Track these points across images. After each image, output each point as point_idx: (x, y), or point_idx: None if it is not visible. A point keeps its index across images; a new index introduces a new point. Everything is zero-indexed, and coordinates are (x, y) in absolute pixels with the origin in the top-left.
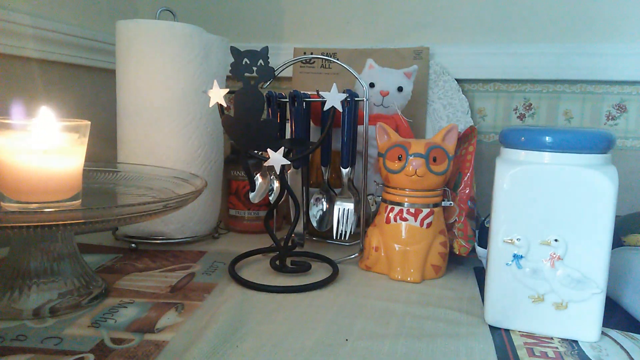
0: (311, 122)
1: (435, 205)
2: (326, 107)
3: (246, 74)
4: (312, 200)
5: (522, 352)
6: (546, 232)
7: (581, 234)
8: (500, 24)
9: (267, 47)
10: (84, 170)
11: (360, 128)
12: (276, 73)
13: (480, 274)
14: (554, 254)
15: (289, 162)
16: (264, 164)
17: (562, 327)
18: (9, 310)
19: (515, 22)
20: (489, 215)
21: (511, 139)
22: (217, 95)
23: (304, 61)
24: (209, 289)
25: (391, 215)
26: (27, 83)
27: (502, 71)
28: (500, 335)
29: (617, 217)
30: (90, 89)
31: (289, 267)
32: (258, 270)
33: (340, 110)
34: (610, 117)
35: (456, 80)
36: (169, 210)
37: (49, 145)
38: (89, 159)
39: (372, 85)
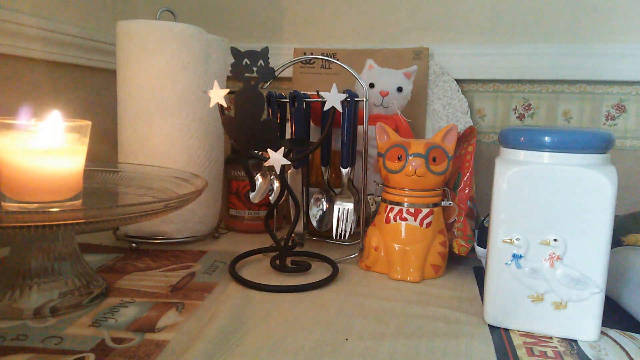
0: (311, 122)
1: (435, 205)
2: (326, 107)
3: (246, 74)
4: (312, 200)
5: (521, 352)
6: (545, 231)
7: (580, 233)
8: (500, 24)
9: (267, 47)
10: (84, 170)
11: (360, 128)
12: (276, 73)
13: (479, 274)
14: (553, 253)
15: (289, 162)
16: (264, 164)
17: (561, 326)
18: (9, 309)
19: (515, 22)
20: (488, 215)
21: (510, 139)
22: (218, 95)
23: (304, 61)
24: (210, 288)
25: (391, 215)
26: (31, 84)
27: (502, 71)
28: (500, 335)
29: (616, 216)
30: (90, 89)
31: (289, 266)
32: (258, 270)
33: (340, 110)
34: (609, 117)
35: (456, 80)
36: (170, 210)
37: (50, 146)
38: (90, 159)
39: (371, 85)
